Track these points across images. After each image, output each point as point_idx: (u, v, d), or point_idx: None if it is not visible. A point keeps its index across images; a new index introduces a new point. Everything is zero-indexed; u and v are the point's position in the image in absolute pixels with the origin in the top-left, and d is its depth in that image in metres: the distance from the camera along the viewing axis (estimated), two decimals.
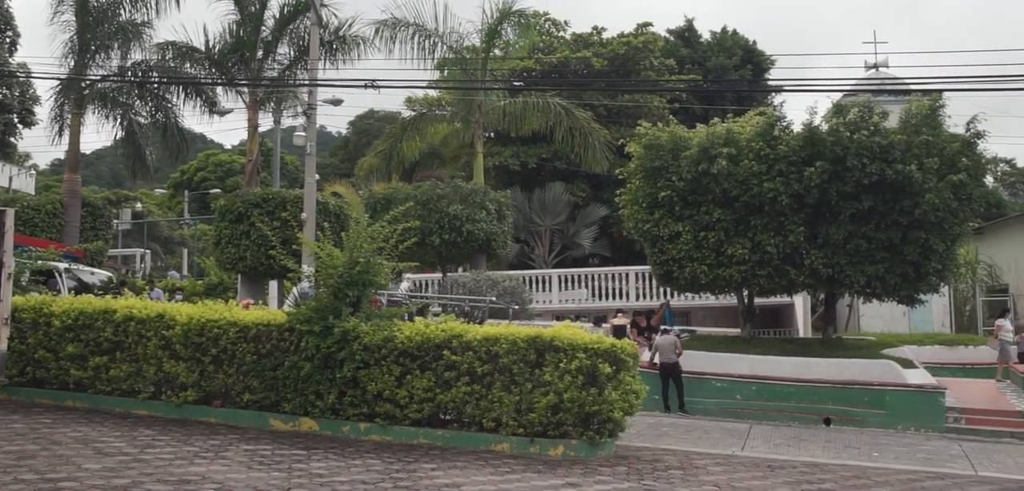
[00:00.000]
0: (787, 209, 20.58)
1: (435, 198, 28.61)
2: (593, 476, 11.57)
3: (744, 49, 50.97)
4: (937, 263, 21.03)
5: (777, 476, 12.61)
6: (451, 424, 13.69)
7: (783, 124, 21.80)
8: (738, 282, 21.97)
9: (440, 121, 39.97)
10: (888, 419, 19.56)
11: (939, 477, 13.52)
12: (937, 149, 20.69)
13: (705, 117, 24.82)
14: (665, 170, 21.85)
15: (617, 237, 40.98)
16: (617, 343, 13.38)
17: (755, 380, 20.60)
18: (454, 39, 34.06)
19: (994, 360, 29.13)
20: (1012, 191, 66.21)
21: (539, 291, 33.18)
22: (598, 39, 46.87)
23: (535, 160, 42.93)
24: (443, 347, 13.51)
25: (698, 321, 32.52)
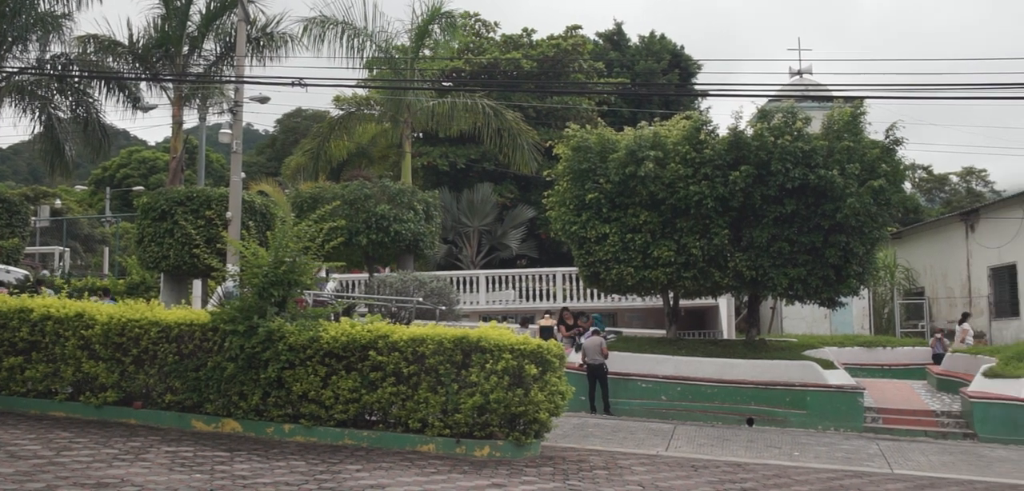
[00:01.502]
0: (712, 212, 20.81)
1: (362, 198, 28.42)
2: (519, 477, 11.60)
3: (672, 54, 51.50)
4: (857, 266, 21.42)
5: (700, 476, 12.77)
6: (377, 425, 13.64)
7: (709, 128, 22.02)
8: (664, 284, 22.16)
9: (369, 120, 39.73)
10: (809, 419, 19.92)
11: (857, 475, 13.83)
12: (858, 155, 21.07)
13: (633, 120, 25.06)
14: (593, 172, 21.96)
15: (545, 238, 41.14)
16: (543, 344, 13.45)
17: (680, 381, 20.83)
18: (383, 38, 33.89)
19: (910, 361, 29.89)
20: (929, 197, 67.89)
21: (467, 292, 33.17)
22: (528, 41, 46.97)
23: (464, 161, 42.89)
24: (369, 347, 13.46)
25: (624, 322, 32.80)
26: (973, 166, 67.23)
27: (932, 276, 42.73)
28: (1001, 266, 36.39)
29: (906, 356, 30.59)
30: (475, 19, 48.28)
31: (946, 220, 44.01)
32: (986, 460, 16.21)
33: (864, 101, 22.07)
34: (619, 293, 24.49)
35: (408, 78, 34.03)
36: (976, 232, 38.42)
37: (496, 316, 22.93)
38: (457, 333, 13.52)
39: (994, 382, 20.03)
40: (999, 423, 19.21)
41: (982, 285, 37.77)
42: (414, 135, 39.84)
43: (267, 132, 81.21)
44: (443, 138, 41.03)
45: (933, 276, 42.63)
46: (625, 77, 48.85)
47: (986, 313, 37.33)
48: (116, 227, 62.49)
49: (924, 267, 43.49)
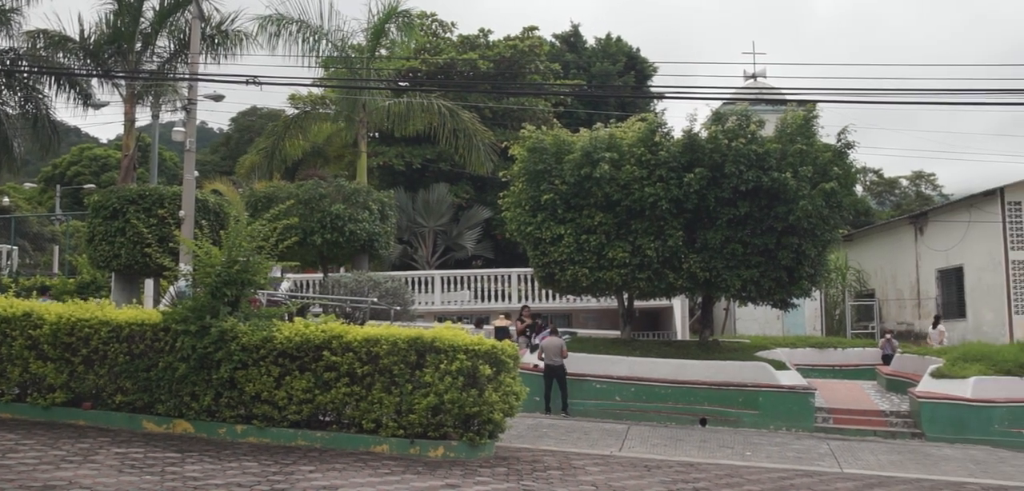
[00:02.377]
0: (667, 214, 20.94)
1: (317, 197, 28.25)
2: (473, 477, 11.62)
3: (628, 56, 51.75)
4: (809, 268, 21.64)
5: (653, 475, 12.86)
6: (330, 426, 13.60)
7: (664, 130, 22.16)
8: (618, 285, 22.26)
9: (324, 120, 39.55)
10: (761, 419, 20.14)
11: (807, 475, 14.00)
12: (811, 158, 21.30)
13: (589, 122, 25.09)
14: (548, 173, 22.01)
15: (500, 239, 41.14)
16: (498, 345, 13.48)
17: (634, 381, 20.95)
18: (339, 37, 33.73)
19: (860, 362, 30.32)
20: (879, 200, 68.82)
21: (422, 292, 33.11)
22: (484, 41, 46.95)
23: (419, 161, 42.79)
24: (323, 348, 13.40)
25: (579, 323, 32.90)
26: (923, 170, 68.35)
27: (882, 278, 43.35)
28: (949, 268, 37.01)
29: (856, 357, 31.01)
30: (432, 19, 48.19)
31: (896, 223, 44.68)
32: (933, 459, 16.49)
33: (817, 105, 22.32)
34: (574, 294, 24.58)
35: (364, 77, 33.88)
36: (925, 235, 39.04)
37: (451, 317, 22.88)
38: (411, 333, 13.52)
39: (941, 382, 20.37)
40: (946, 423, 19.57)
41: (930, 287, 38.38)
42: (370, 135, 39.66)
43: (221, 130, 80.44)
44: (399, 138, 40.92)
45: (883, 278, 43.25)
46: (581, 79, 48.99)
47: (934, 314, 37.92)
48: (66, 225, 61.56)
49: (874, 269, 44.11)
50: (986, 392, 19.69)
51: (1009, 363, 20.56)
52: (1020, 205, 33.43)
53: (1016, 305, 32.67)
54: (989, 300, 34.10)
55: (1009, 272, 33.09)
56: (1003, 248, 33.24)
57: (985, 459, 16.85)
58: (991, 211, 33.96)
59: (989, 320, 33.43)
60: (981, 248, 34.55)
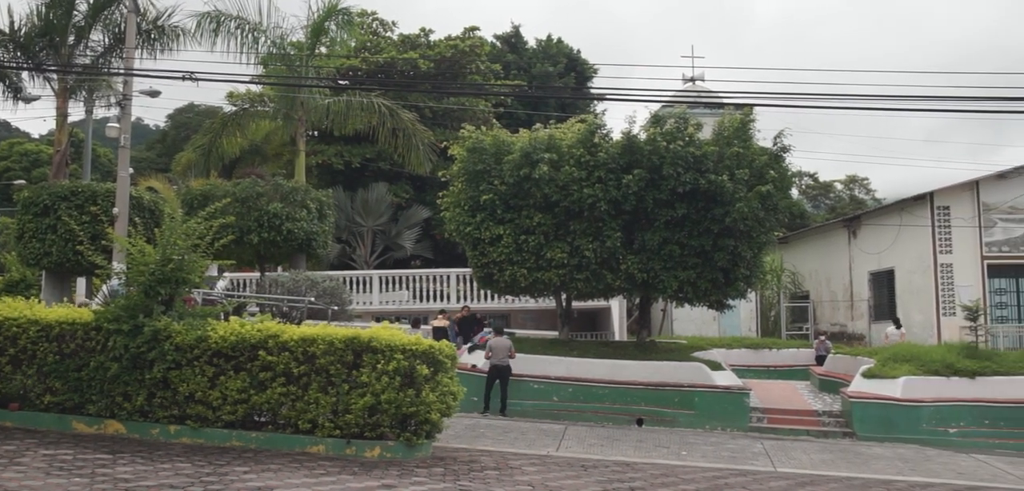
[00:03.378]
0: (605, 215, 21.07)
1: (255, 196, 27.97)
2: (409, 477, 11.60)
3: (568, 57, 51.94)
4: (745, 270, 21.91)
5: (590, 475, 12.93)
6: (266, 426, 13.49)
7: (603, 132, 22.30)
8: (557, 286, 22.35)
9: (263, 117, 39.12)
10: (697, 419, 20.36)
11: (742, 474, 14.18)
12: (747, 161, 21.57)
13: (529, 123, 25.20)
14: (487, 174, 22.03)
15: (439, 239, 41.06)
16: (435, 345, 13.47)
17: (571, 382, 21.06)
18: (279, 34, 33.40)
19: (795, 363, 30.79)
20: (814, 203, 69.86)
21: (360, 292, 32.93)
22: (425, 41, 46.83)
23: (359, 160, 42.54)
24: (259, 347, 13.29)
25: (518, 324, 32.96)
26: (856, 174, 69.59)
27: (816, 280, 44.02)
28: (880, 271, 37.69)
29: (791, 358, 31.46)
30: (372, 18, 47.96)
31: (830, 226, 45.38)
32: (863, 457, 16.80)
33: (754, 109, 22.57)
34: (512, 294, 24.63)
35: (303, 75, 33.61)
36: (858, 238, 39.72)
37: (389, 317, 22.81)
38: (348, 333, 13.46)
39: (872, 382, 20.77)
40: (876, 422, 19.97)
41: (863, 289, 39.04)
42: (309, 133, 39.34)
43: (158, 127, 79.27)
44: (338, 137, 40.67)
45: (817, 280, 43.92)
46: (522, 80, 49.07)
47: (866, 316, 38.63)
48: None
49: (809, 271, 44.77)
50: (915, 392, 20.14)
51: (937, 363, 21.06)
52: (948, 210, 34.16)
53: (944, 307, 33.38)
54: (918, 302, 34.80)
55: (937, 275, 33.79)
56: (932, 251, 33.94)
57: (913, 457, 17.22)
58: (921, 215, 34.65)
59: (918, 321, 34.12)
60: (911, 251, 35.25)
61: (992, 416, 20.12)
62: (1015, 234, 34.18)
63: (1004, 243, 34.15)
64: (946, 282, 33.74)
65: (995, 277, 34.14)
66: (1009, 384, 20.50)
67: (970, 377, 20.56)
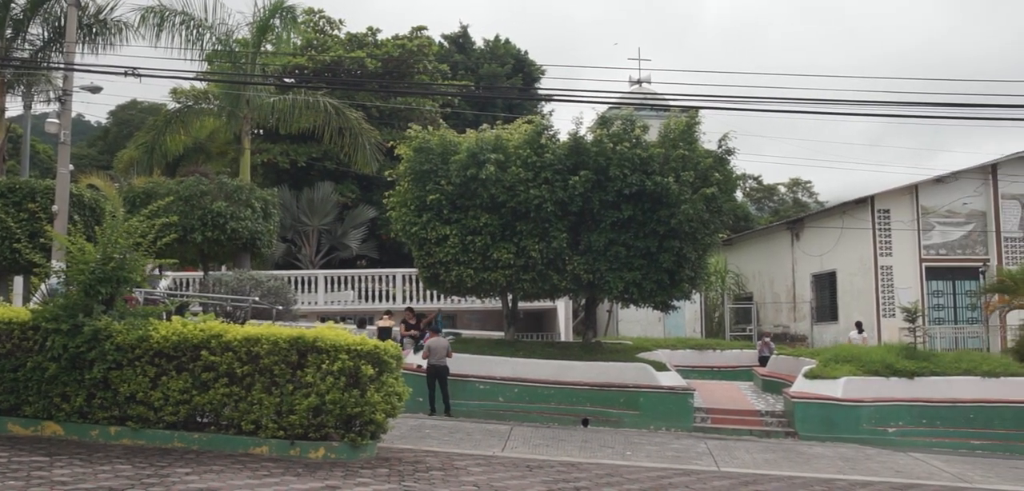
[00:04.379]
0: (552, 216, 21.12)
1: (198, 194, 27.67)
2: (354, 478, 11.53)
3: (516, 58, 51.98)
4: (690, 271, 22.07)
5: (535, 475, 12.95)
6: (208, 427, 13.34)
7: (550, 133, 22.37)
8: (503, 286, 22.37)
9: (207, 115, 38.67)
10: (642, 419, 20.50)
11: (685, 473, 14.29)
12: (693, 163, 21.73)
13: (476, 123, 25.20)
14: (434, 174, 21.99)
15: (385, 239, 40.89)
16: (380, 345, 13.41)
17: (517, 382, 21.10)
18: (224, 31, 33.00)
19: (738, 363, 31.11)
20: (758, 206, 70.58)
21: (305, 292, 32.71)
22: (372, 40, 46.58)
23: (305, 159, 42.20)
24: (201, 347, 13.14)
25: (464, 324, 32.96)
26: (799, 178, 70.39)
27: (760, 282, 44.55)
28: (822, 273, 38.25)
29: (734, 358, 31.78)
30: (319, 16, 47.60)
31: (774, 228, 45.94)
32: (805, 457, 17.03)
33: (699, 111, 22.75)
34: (459, 295, 24.62)
35: (249, 73, 33.28)
36: (801, 240, 40.26)
37: (335, 317, 22.69)
38: (293, 333, 13.36)
39: (813, 383, 21.07)
40: (817, 421, 20.26)
41: (805, 291, 39.59)
42: (254, 131, 38.95)
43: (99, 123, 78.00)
44: (284, 135, 40.33)
45: (761, 282, 44.44)
46: (469, 80, 49.03)
47: (808, 318, 39.16)
48: None
49: (753, 273, 45.29)
50: (855, 392, 20.47)
51: (876, 364, 21.43)
52: (888, 213, 34.77)
53: (884, 308, 33.96)
54: (859, 303, 35.35)
55: (878, 277, 34.37)
56: (873, 253, 34.51)
57: (853, 456, 17.49)
58: (862, 218, 35.21)
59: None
60: (852, 254, 35.80)
61: (929, 415, 20.53)
62: (952, 237, 34.90)
63: (941, 246, 34.84)
64: (886, 284, 34.33)
65: (933, 279, 34.83)
66: (946, 384, 20.93)
67: (908, 377, 20.97)
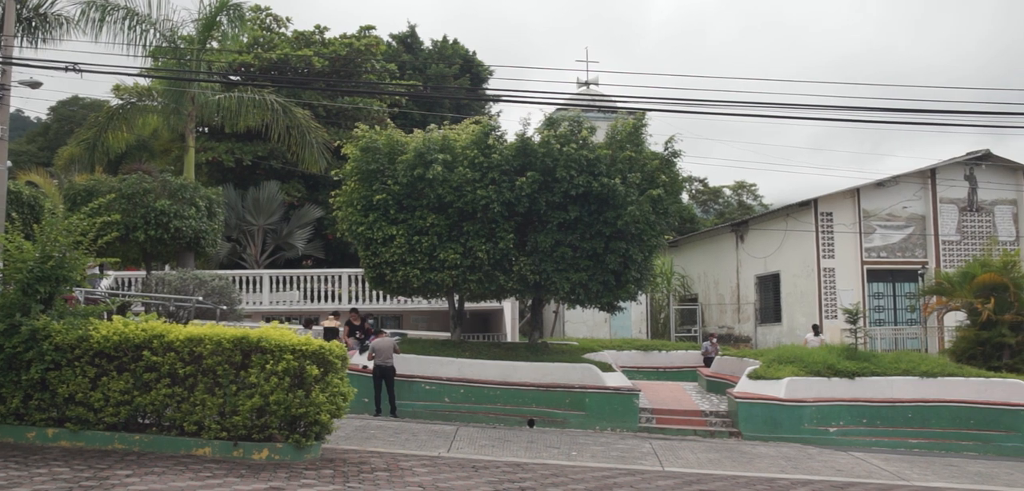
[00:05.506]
0: (499, 217, 21.12)
1: (141, 192, 27.29)
2: (298, 479, 11.46)
3: (464, 59, 51.94)
4: (636, 272, 22.20)
5: (480, 476, 12.96)
6: (150, 428, 13.18)
7: (498, 134, 22.36)
8: (449, 286, 22.33)
9: (151, 112, 38.09)
10: (587, 420, 20.58)
11: (630, 473, 14.37)
12: (639, 165, 21.87)
13: (424, 123, 25.07)
14: (381, 173, 21.90)
15: (331, 239, 40.62)
16: (326, 345, 13.33)
17: (463, 383, 21.09)
18: (168, 27, 32.58)
19: (684, 364, 31.37)
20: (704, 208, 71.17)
21: (250, 292, 32.40)
22: (320, 38, 46.24)
23: (250, 158, 41.77)
24: (143, 347, 12.99)
25: (410, 325, 32.88)
26: (745, 180, 71.04)
27: (705, 283, 44.94)
28: (766, 275, 38.68)
29: (680, 359, 32.04)
30: (266, 13, 47.16)
31: (719, 231, 46.37)
32: (748, 456, 17.20)
33: (646, 113, 22.88)
34: (405, 295, 24.51)
35: (194, 70, 32.89)
36: (745, 242, 40.67)
37: (280, 317, 22.50)
38: (237, 333, 13.24)
39: (757, 383, 21.29)
40: (761, 421, 20.47)
41: (750, 292, 40.00)
42: (199, 129, 38.54)
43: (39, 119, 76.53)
44: (229, 134, 39.92)
45: (706, 283, 44.84)
46: (417, 80, 48.89)
47: (752, 319, 39.58)
48: None
49: (698, 274, 45.68)
50: (797, 392, 20.73)
51: (818, 365, 21.72)
52: (831, 216, 35.25)
53: (826, 310, 34.43)
54: (802, 305, 35.82)
55: (821, 279, 34.84)
56: (815, 256, 34.97)
57: (795, 456, 17.71)
58: (805, 221, 35.67)
59: (802, 324, 35.10)
60: (796, 256, 36.25)
61: (869, 415, 20.87)
62: (892, 240, 35.48)
63: (882, 249, 35.39)
64: (829, 286, 34.81)
65: (874, 281, 35.38)
66: (886, 384, 21.29)
67: (849, 378, 21.29)
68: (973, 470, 17.35)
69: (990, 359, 25.25)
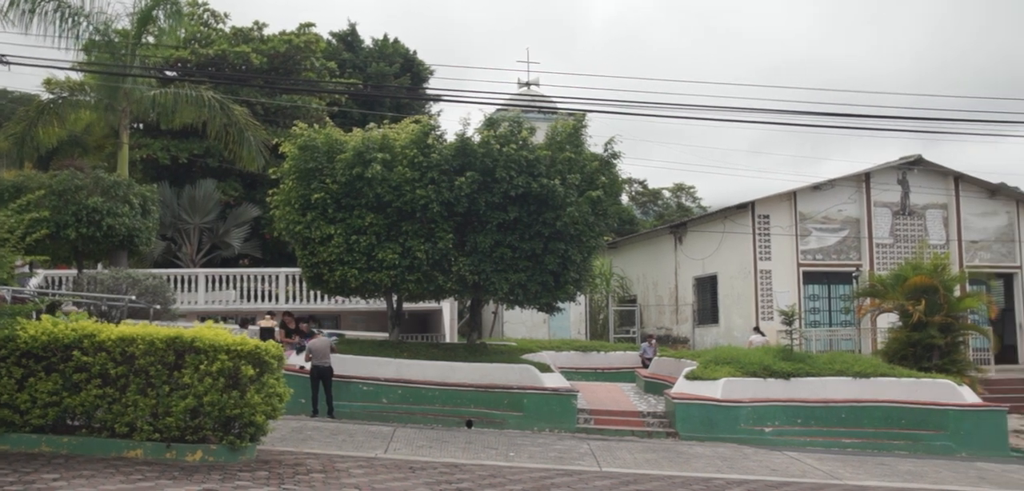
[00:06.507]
0: (438, 217, 21.04)
1: (73, 189, 26.71)
2: (232, 481, 11.29)
3: (405, 58, 51.68)
4: (575, 273, 22.25)
5: (418, 477, 12.89)
6: (80, 430, 12.91)
7: (437, 133, 22.29)
8: (388, 287, 22.17)
9: (84, 107, 37.30)
10: (526, 420, 20.59)
11: (568, 474, 14.41)
12: (579, 166, 21.92)
13: (363, 122, 24.92)
14: (319, 172, 21.70)
15: (269, 238, 40.12)
16: (261, 345, 13.17)
17: (401, 384, 20.99)
18: (102, 20, 31.91)
19: (622, 365, 31.54)
20: (643, 209, 71.55)
21: (185, 291, 31.92)
22: (259, 35, 45.68)
23: (186, 155, 41.12)
24: (73, 347, 12.71)
25: (348, 325, 32.61)
26: (684, 182, 71.53)
27: (644, 284, 45.21)
28: (704, 276, 39.01)
29: (618, 360, 32.20)
30: (204, 9, 46.49)
31: (657, 232, 46.66)
32: (685, 456, 17.34)
33: (586, 114, 22.95)
34: (343, 295, 24.33)
35: (128, 64, 32.27)
36: (684, 244, 40.98)
37: (216, 316, 22.19)
38: (170, 333, 13.03)
39: (694, 384, 21.48)
40: (698, 422, 20.66)
41: (688, 294, 40.32)
42: (134, 126, 37.84)
43: None
44: (165, 131, 39.27)
45: (645, 285, 45.11)
46: (357, 79, 48.54)
47: (690, 320, 39.91)
48: None
49: (637, 276, 45.95)
50: (734, 393, 20.96)
51: (755, 366, 21.98)
52: (768, 218, 35.65)
53: (763, 311, 34.81)
54: (739, 307, 36.18)
55: (757, 281, 35.21)
56: (753, 258, 35.34)
57: (731, 456, 17.89)
58: (743, 223, 36.03)
59: (739, 325, 35.47)
60: (733, 258, 36.60)
61: (804, 415, 21.17)
62: (827, 243, 35.98)
63: (818, 251, 35.89)
64: (765, 288, 35.20)
65: (809, 283, 35.85)
66: (820, 385, 21.61)
67: (785, 378, 21.57)
68: (903, 469, 17.67)
69: (921, 360, 25.79)
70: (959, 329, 27.48)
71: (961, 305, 27.86)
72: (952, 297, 27.53)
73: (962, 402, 21.67)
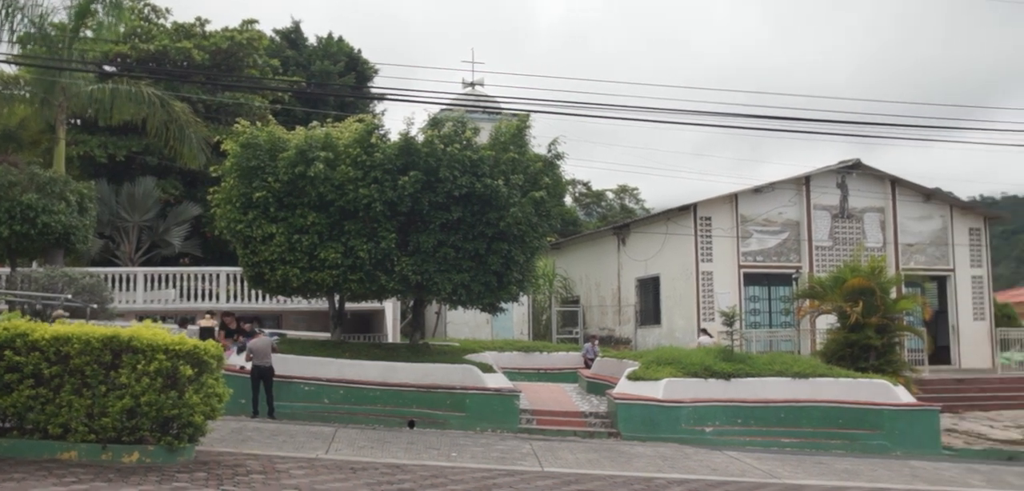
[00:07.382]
0: (381, 216, 20.94)
1: (6, 185, 26.20)
2: (170, 483, 11.14)
3: (349, 56, 51.36)
4: (518, 274, 22.27)
5: (359, 477, 12.82)
6: (11, 432, 12.65)
7: (381, 133, 22.19)
8: (330, 286, 22.01)
9: (18, 101, 36.58)
10: (468, 421, 20.57)
11: (510, 474, 14.42)
12: (522, 167, 21.95)
13: (307, 121, 24.65)
14: (261, 170, 21.48)
15: (210, 237, 39.68)
16: (200, 344, 13.01)
17: (343, 384, 20.88)
18: (38, 13, 31.31)
19: (565, 366, 31.66)
20: (587, 211, 71.85)
21: (123, 290, 31.44)
22: (201, 31, 45.11)
23: (125, 153, 40.46)
24: (5, 347, 12.46)
25: (290, 325, 32.37)
26: (627, 184, 72.00)
27: (587, 285, 45.42)
28: (647, 278, 39.28)
29: (561, 361, 32.30)
30: (144, 3, 45.84)
31: (601, 233, 46.91)
32: (627, 456, 17.44)
33: (530, 115, 22.98)
34: (284, 294, 24.12)
35: (65, 58, 31.68)
36: (627, 245, 41.23)
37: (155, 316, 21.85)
38: (107, 332, 12.81)
39: (636, 384, 21.63)
40: (639, 422, 20.80)
41: (631, 295, 40.57)
42: (71, 121, 37.17)
43: None
44: (103, 127, 38.59)
45: (588, 285, 45.32)
46: (301, 76, 48.15)
47: (633, 321, 40.16)
48: None
49: (580, 277, 46.14)
50: (675, 393, 21.13)
51: (696, 366, 22.18)
52: (710, 221, 35.98)
53: (704, 312, 35.13)
54: (681, 308, 36.47)
55: (699, 282, 35.52)
56: (694, 259, 35.65)
57: (672, 455, 18.03)
58: (685, 225, 36.33)
59: (681, 326, 35.77)
60: (675, 259, 36.89)
61: (744, 415, 21.41)
62: (768, 245, 36.42)
63: (758, 253, 36.31)
64: (707, 289, 35.53)
65: (750, 285, 36.25)
66: (760, 385, 21.88)
67: (725, 379, 21.80)
68: (840, 467, 17.94)
69: (858, 360, 26.22)
70: (895, 330, 27.98)
71: (897, 307, 28.39)
72: (888, 299, 28.03)
73: (897, 402, 22.09)
